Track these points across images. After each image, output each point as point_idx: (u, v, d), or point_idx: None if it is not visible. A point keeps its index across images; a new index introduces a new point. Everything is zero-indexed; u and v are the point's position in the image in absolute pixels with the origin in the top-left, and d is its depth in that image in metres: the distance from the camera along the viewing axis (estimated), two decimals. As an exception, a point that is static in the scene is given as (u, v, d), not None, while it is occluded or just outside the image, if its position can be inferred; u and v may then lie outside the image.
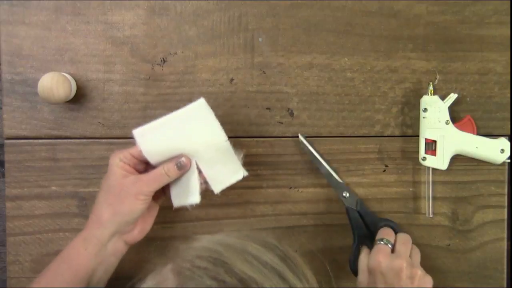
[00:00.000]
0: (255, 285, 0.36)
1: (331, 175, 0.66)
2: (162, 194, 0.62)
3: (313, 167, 0.66)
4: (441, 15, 0.66)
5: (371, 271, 0.58)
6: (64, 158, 0.66)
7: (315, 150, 0.66)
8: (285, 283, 0.38)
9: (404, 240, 0.60)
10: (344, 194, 0.66)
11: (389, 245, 0.59)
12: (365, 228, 0.65)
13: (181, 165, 0.58)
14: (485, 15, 0.66)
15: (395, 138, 0.67)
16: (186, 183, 0.61)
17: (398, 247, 0.59)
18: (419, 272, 0.57)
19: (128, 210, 0.56)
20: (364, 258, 0.61)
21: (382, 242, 0.59)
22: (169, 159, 0.59)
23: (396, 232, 0.64)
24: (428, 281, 0.57)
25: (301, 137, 0.66)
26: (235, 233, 0.41)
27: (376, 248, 0.59)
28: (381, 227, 0.64)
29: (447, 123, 0.64)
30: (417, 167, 0.67)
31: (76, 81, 0.65)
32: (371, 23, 0.66)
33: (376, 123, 0.67)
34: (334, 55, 0.66)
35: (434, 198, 0.66)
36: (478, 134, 0.65)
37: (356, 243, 0.65)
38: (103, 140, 0.66)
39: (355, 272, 0.64)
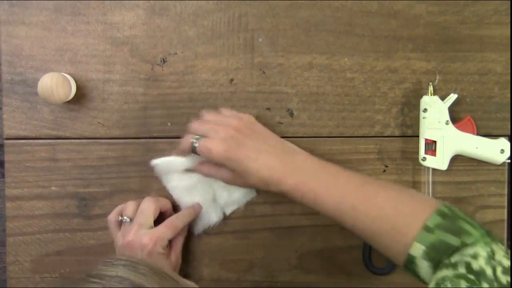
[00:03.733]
0: None
1: None
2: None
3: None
4: (441, 15, 0.66)
5: (220, 161, 0.57)
6: (64, 158, 0.66)
7: None
8: None
9: (198, 123, 0.61)
10: None
11: (198, 137, 0.59)
12: None
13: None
14: (485, 15, 0.66)
15: (395, 138, 0.67)
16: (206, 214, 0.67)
17: (203, 129, 0.59)
18: (234, 120, 0.60)
19: None
20: (213, 169, 0.61)
21: (195, 143, 0.59)
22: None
23: None
24: (246, 116, 0.62)
25: None
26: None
27: (198, 150, 0.58)
28: None
29: (447, 123, 0.64)
30: (417, 167, 0.67)
31: (76, 81, 0.65)
32: (371, 23, 0.66)
33: (376, 124, 0.67)
34: (334, 55, 0.66)
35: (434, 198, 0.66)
36: (478, 134, 0.65)
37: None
38: (103, 140, 0.66)
39: (369, 269, 0.66)
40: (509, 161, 0.65)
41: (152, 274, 0.38)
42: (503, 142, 0.64)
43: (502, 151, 0.64)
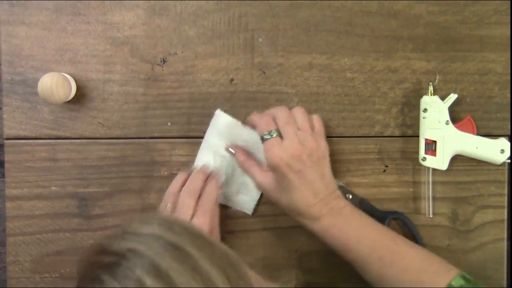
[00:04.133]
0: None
1: None
2: None
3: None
4: (441, 15, 0.66)
5: (275, 168, 0.57)
6: (64, 158, 0.66)
7: None
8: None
9: (285, 119, 0.59)
10: (347, 196, 0.66)
11: (275, 135, 0.58)
12: None
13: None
14: (485, 15, 0.66)
15: (395, 138, 0.67)
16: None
17: (285, 129, 0.58)
18: (312, 143, 0.58)
19: None
20: (255, 169, 0.61)
21: (267, 137, 0.58)
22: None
23: (407, 226, 0.66)
24: (323, 144, 0.60)
25: None
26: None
27: (267, 144, 0.58)
28: (389, 220, 0.65)
29: (447, 123, 0.64)
30: (417, 167, 0.67)
31: (76, 81, 0.65)
32: (371, 23, 0.66)
33: (376, 124, 0.67)
34: (334, 55, 0.66)
35: (434, 198, 0.66)
36: (478, 134, 0.65)
37: None
38: (103, 140, 0.66)
39: None
40: (509, 161, 0.65)
41: (187, 234, 0.38)
42: (503, 142, 0.64)
43: (502, 151, 0.64)
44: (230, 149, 0.64)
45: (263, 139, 0.58)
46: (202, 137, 0.66)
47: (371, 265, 0.57)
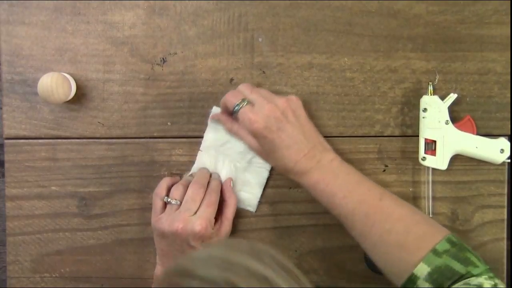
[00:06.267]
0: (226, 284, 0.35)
1: None
2: None
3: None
4: (441, 15, 0.66)
5: (255, 134, 0.59)
6: (64, 158, 0.66)
7: None
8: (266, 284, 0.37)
9: (249, 89, 0.61)
10: None
11: (245, 103, 0.60)
12: None
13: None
14: (485, 15, 0.66)
15: (395, 138, 0.67)
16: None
17: (251, 97, 0.60)
18: (282, 100, 0.60)
19: None
20: (243, 132, 0.62)
21: (240, 106, 0.59)
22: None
23: None
24: (295, 98, 0.61)
25: None
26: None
27: (240, 114, 0.59)
28: None
29: (447, 123, 0.64)
30: (417, 167, 0.67)
31: (76, 81, 0.65)
32: (371, 23, 0.66)
33: (375, 123, 0.67)
34: (333, 55, 0.66)
35: (434, 198, 0.66)
36: (478, 134, 0.65)
37: None
38: (103, 140, 0.66)
39: (370, 267, 0.65)
40: (509, 160, 0.65)
41: (276, 265, 0.40)
42: (503, 142, 0.64)
43: (502, 150, 0.64)
44: (210, 119, 0.65)
45: (235, 112, 0.60)
46: (202, 137, 0.66)
47: (355, 222, 0.57)
